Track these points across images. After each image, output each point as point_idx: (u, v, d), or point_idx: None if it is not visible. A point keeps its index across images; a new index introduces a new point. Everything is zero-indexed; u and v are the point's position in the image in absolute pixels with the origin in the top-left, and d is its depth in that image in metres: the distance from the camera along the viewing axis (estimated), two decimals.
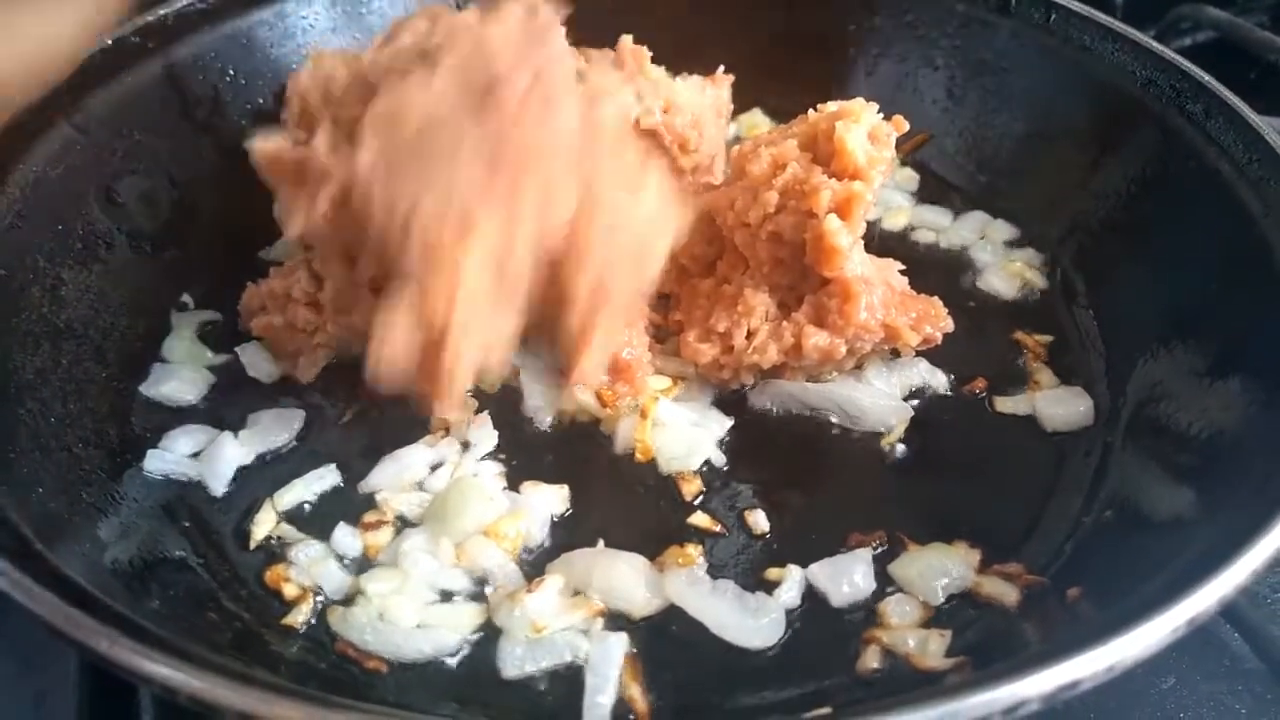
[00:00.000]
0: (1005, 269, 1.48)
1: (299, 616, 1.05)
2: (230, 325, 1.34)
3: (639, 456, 1.22)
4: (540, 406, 1.27)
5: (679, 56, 1.48)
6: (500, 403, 1.28)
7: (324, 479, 1.19)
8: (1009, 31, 1.56)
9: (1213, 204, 1.26)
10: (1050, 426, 1.27)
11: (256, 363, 1.31)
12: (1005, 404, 1.30)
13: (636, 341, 1.25)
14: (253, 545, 1.12)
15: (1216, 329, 1.19)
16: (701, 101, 1.39)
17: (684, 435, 1.23)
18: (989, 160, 1.60)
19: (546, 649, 1.02)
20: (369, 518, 1.15)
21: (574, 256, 1.06)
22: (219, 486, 1.17)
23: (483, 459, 1.21)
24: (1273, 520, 0.87)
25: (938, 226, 1.57)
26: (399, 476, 1.18)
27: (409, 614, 1.05)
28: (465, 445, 1.22)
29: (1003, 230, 1.54)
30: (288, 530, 1.14)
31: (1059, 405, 1.28)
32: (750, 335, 1.24)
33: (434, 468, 1.20)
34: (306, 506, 1.17)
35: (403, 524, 1.15)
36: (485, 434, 1.23)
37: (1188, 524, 1.01)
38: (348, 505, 1.17)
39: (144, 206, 1.35)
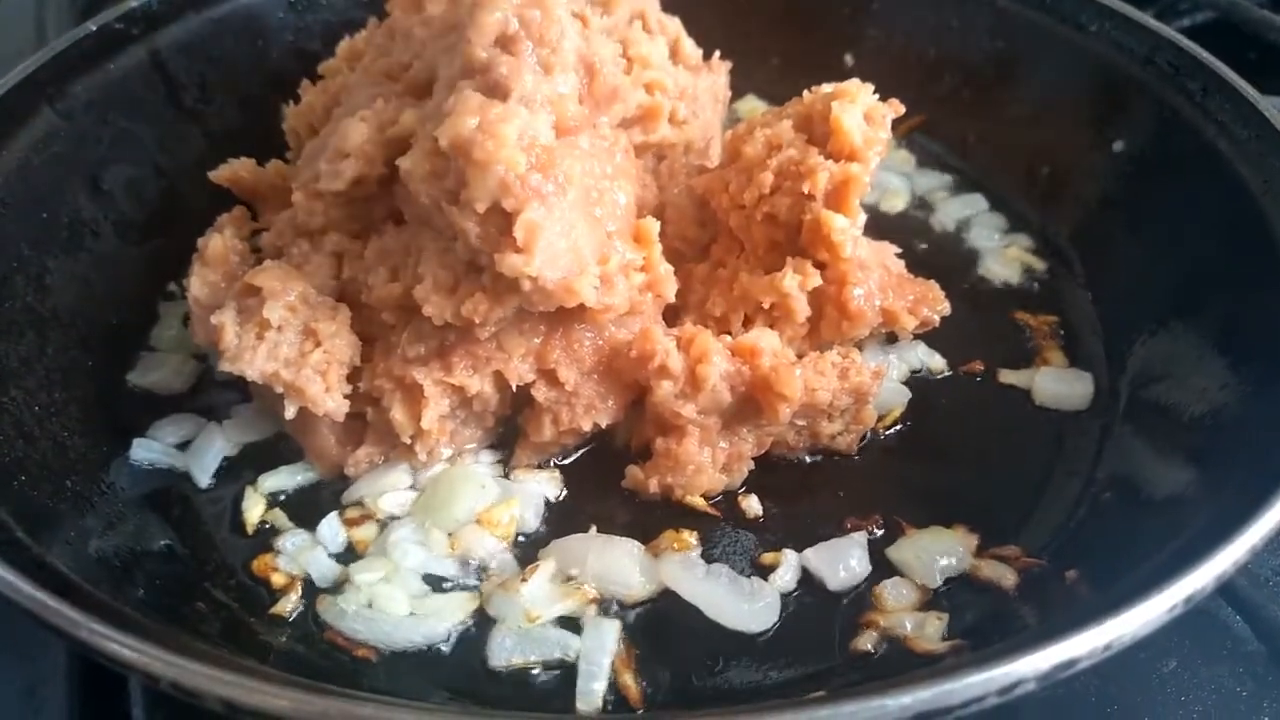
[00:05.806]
0: (1003, 253, 1.46)
1: (287, 605, 1.04)
2: None
3: (635, 442, 1.20)
4: None
5: None
6: None
7: (310, 468, 1.17)
8: (1007, 12, 1.54)
9: (1211, 181, 1.24)
10: (1039, 400, 1.26)
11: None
12: (1008, 376, 1.29)
13: None
14: (250, 530, 1.11)
15: (1215, 307, 1.17)
16: (696, 83, 1.37)
17: None
18: (986, 141, 1.58)
19: (537, 642, 1.01)
20: (353, 513, 1.13)
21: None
22: (204, 477, 1.16)
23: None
24: (1271, 498, 0.85)
25: (935, 207, 1.55)
26: (381, 484, 1.16)
27: (399, 603, 1.04)
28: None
29: (1000, 213, 1.53)
30: (277, 516, 1.12)
31: (1057, 383, 1.27)
32: (747, 321, 1.23)
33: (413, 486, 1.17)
34: (293, 496, 1.16)
35: (390, 517, 1.13)
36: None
37: (1186, 503, 1.00)
38: (335, 495, 1.15)
39: (130, 194, 1.34)
